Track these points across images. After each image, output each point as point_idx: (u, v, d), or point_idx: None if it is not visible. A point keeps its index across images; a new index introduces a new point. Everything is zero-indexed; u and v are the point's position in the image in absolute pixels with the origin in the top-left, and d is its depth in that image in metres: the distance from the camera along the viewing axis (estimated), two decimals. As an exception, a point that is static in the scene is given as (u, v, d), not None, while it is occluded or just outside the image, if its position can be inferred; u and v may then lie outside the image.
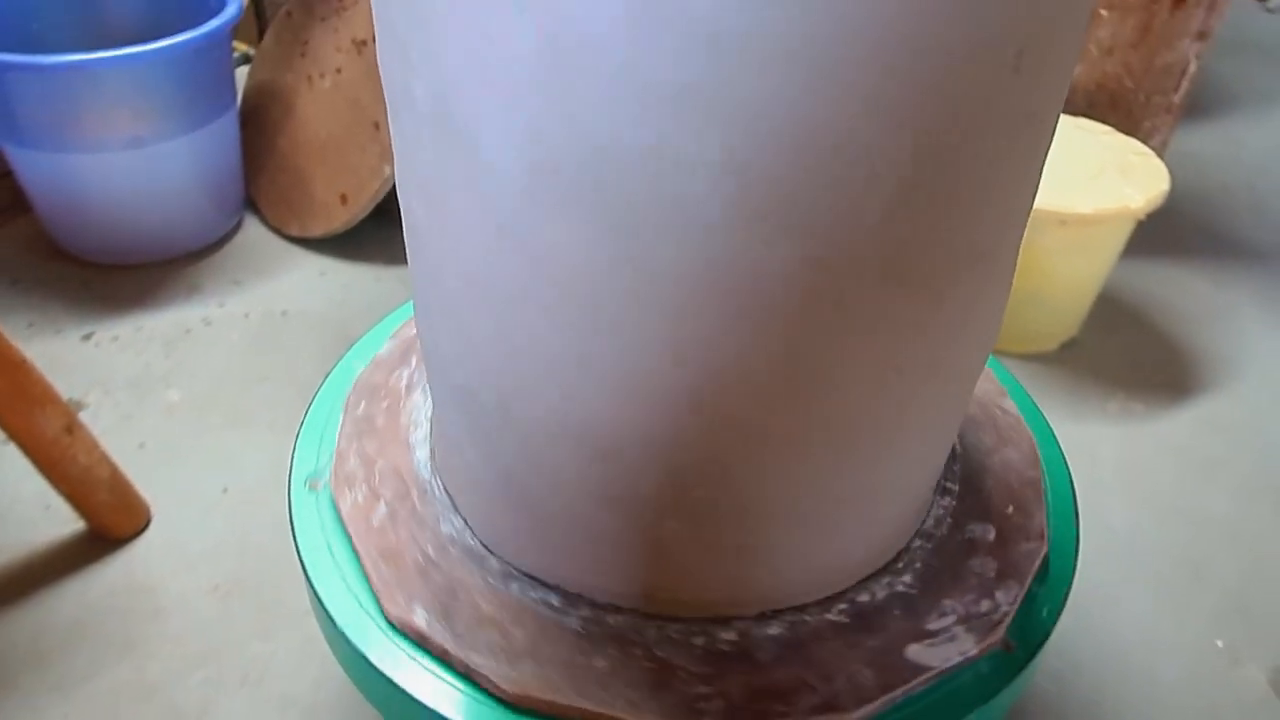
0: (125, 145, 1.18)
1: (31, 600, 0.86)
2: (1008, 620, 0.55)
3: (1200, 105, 1.86)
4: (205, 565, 0.90)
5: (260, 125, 1.43)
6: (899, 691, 0.51)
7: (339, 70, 1.34)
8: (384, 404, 0.69)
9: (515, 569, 0.57)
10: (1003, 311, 0.51)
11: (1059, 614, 0.57)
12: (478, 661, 0.51)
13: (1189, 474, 1.06)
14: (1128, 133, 1.28)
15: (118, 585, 0.88)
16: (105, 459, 0.89)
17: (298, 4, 1.42)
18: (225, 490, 0.98)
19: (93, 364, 1.14)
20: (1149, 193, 1.08)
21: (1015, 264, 0.50)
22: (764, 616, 0.55)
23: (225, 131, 1.30)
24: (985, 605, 0.56)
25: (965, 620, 0.55)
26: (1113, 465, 1.06)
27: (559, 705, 0.49)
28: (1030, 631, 0.56)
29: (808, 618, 0.55)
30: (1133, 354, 1.23)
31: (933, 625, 0.54)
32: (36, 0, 1.31)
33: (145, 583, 0.88)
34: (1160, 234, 1.39)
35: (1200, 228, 1.51)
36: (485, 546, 0.59)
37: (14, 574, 0.88)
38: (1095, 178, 1.10)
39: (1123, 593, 0.91)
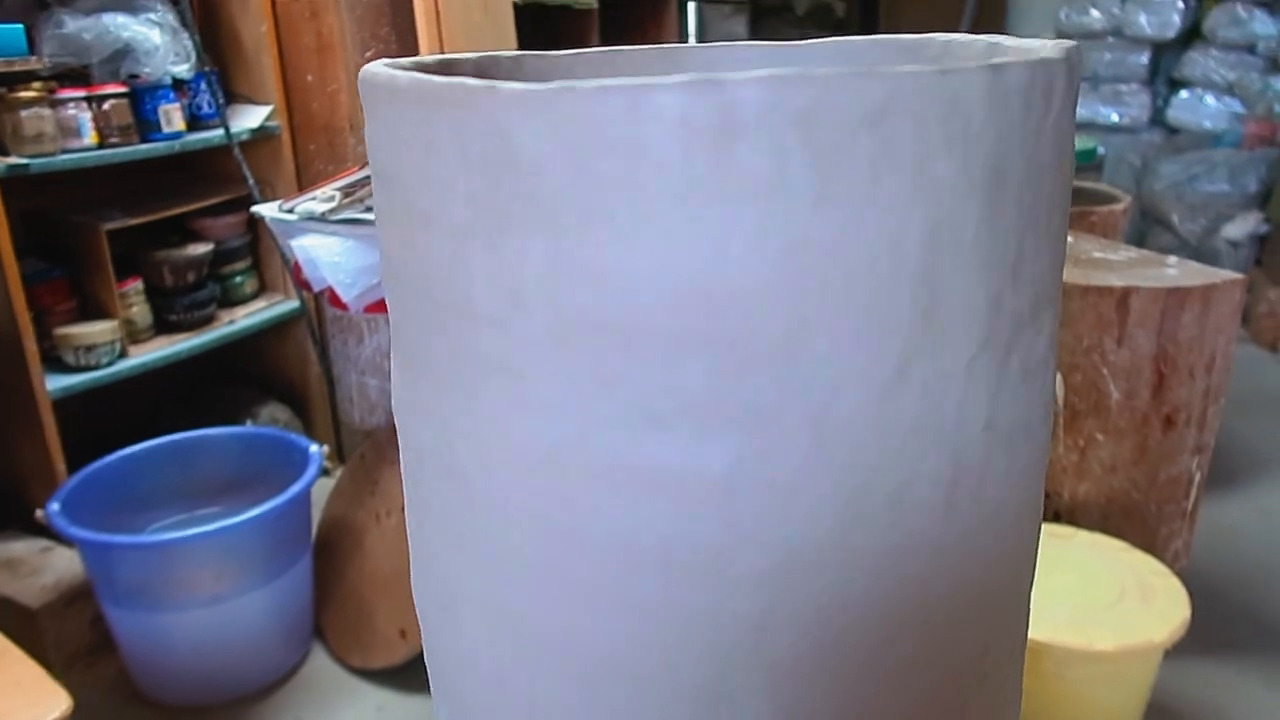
0: (208, 603, 1.30)
1: None
2: None
3: (1225, 471, 1.92)
4: None
5: (331, 557, 1.55)
6: None
7: (404, 508, 1.48)
8: None
9: None
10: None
11: None
12: None
13: None
14: (1146, 540, 1.34)
15: None
16: None
17: (370, 447, 1.59)
18: None
19: (157, 824, 1.18)
20: (1171, 623, 1.11)
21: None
22: None
23: (300, 576, 1.43)
24: None
25: None
26: None
27: None
28: None
29: None
30: (1191, 776, 1.20)
31: None
32: (139, 464, 1.49)
33: None
34: (1204, 624, 1.39)
35: (1243, 615, 1.51)
36: None
37: None
38: (1115, 605, 1.14)
39: None
